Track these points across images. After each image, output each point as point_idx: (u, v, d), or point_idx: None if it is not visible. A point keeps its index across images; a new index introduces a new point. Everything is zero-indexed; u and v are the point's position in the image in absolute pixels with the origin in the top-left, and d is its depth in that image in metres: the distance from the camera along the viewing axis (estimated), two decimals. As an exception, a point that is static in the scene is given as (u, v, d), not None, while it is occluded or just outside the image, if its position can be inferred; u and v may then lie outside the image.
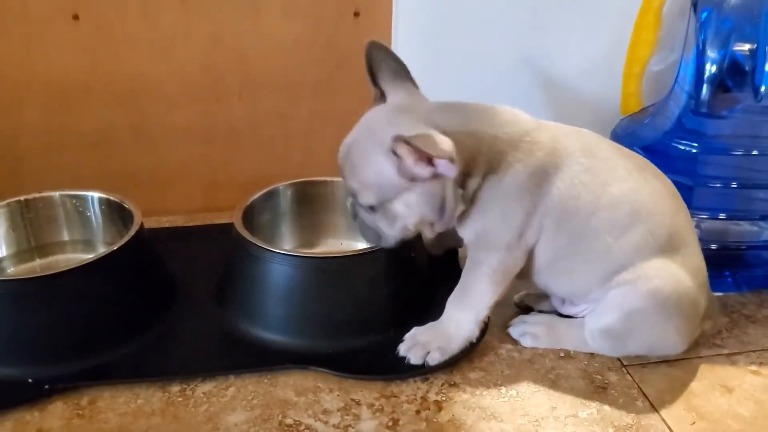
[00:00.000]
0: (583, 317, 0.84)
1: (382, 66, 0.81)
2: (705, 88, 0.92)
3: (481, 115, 0.79)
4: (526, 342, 0.86)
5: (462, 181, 0.77)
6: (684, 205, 0.83)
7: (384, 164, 0.74)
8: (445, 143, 0.71)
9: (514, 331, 0.87)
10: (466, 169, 0.76)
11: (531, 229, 0.79)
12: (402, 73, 0.81)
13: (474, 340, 0.82)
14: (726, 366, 0.83)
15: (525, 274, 0.82)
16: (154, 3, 1.06)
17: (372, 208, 0.78)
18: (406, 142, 0.69)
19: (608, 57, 1.08)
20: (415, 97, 0.81)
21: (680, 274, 0.79)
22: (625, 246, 0.78)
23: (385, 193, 0.76)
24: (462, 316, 0.81)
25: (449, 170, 0.70)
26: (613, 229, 0.78)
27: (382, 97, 0.82)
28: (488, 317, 0.83)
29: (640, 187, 0.79)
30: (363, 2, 1.10)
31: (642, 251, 0.78)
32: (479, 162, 0.76)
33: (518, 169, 0.77)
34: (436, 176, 0.72)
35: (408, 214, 0.77)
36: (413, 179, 0.74)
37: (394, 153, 0.72)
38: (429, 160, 0.71)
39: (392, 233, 0.80)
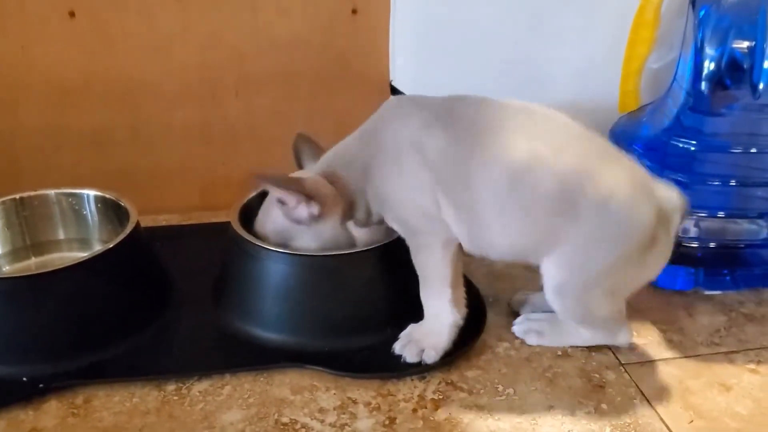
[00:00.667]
0: None
1: (306, 153, 0.91)
2: (703, 86, 0.91)
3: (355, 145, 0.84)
4: (531, 339, 0.85)
5: (350, 213, 0.84)
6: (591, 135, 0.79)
7: (276, 213, 0.84)
8: (312, 180, 0.81)
9: (519, 329, 0.86)
10: (349, 203, 0.83)
11: (427, 201, 0.78)
12: (316, 153, 0.90)
13: (460, 323, 0.81)
14: (724, 364, 0.83)
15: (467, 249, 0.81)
16: (151, 1, 1.06)
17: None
18: (266, 178, 0.80)
19: (606, 55, 1.08)
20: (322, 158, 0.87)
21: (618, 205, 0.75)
22: (522, 211, 0.76)
23: (283, 238, 0.85)
24: (433, 304, 0.81)
25: (315, 208, 0.80)
26: (497, 197, 0.76)
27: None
28: (470, 299, 0.83)
29: (513, 142, 0.76)
30: (361, 0, 1.10)
31: (546, 208, 0.75)
32: (358, 187, 0.82)
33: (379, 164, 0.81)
34: (315, 218, 0.81)
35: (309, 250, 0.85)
36: (297, 222, 0.82)
37: (280, 200, 0.82)
38: (305, 202, 0.81)
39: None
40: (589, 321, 0.82)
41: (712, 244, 0.96)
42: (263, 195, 0.95)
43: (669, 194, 0.79)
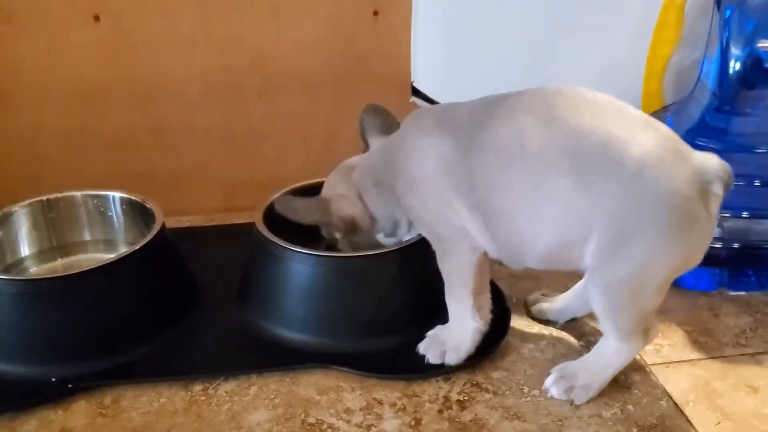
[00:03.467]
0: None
1: (370, 123, 0.91)
2: (729, 86, 0.91)
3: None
4: (580, 398, 0.76)
5: (380, 224, 0.86)
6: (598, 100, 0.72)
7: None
8: (336, 212, 0.85)
9: (557, 390, 0.77)
10: (379, 216, 0.85)
11: (449, 212, 0.77)
12: (389, 128, 0.88)
13: (482, 329, 0.81)
14: (751, 365, 0.83)
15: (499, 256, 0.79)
16: (174, 4, 1.07)
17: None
18: (288, 211, 0.84)
19: (630, 55, 1.08)
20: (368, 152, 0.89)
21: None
22: (535, 200, 0.71)
23: (330, 236, 0.89)
24: (456, 309, 0.81)
25: (339, 232, 0.86)
26: (507, 191, 0.72)
27: (365, 148, 0.91)
28: (493, 301, 0.83)
29: (509, 135, 0.72)
30: (382, 1, 1.10)
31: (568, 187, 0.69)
32: (389, 200, 0.83)
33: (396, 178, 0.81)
34: (348, 232, 0.86)
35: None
36: (333, 236, 0.88)
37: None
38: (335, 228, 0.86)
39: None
40: (632, 323, 0.74)
41: (736, 245, 0.95)
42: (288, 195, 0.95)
43: (707, 161, 0.69)
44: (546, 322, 0.90)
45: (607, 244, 0.69)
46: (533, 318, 0.90)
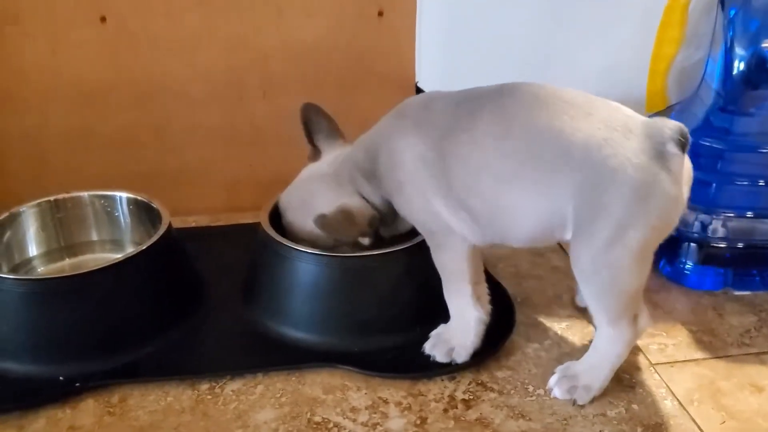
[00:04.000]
0: None
1: (317, 126, 0.91)
2: (733, 86, 0.91)
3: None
4: (582, 398, 0.77)
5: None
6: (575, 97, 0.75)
7: (314, 229, 0.83)
8: (361, 220, 0.83)
9: (559, 390, 0.77)
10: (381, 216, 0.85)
11: (433, 207, 0.79)
12: (335, 132, 0.92)
13: (485, 318, 0.81)
14: (755, 365, 0.83)
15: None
16: (178, 5, 1.07)
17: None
18: (324, 226, 0.81)
19: (634, 54, 1.08)
20: (342, 158, 0.88)
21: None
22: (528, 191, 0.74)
23: (318, 243, 0.85)
24: (456, 303, 0.82)
25: (367, 242, 0.84)
26: (482, 194, 0.76)
27: (316, 153, 0.92)
28: (497, 297, 0.83)
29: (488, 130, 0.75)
30: (386, 2, 1.10)
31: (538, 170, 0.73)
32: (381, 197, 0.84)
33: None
34: (374, 233, 0.84)
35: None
36: (339, 242, 0.85)
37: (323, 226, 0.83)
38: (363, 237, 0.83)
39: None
40: (619, 304, 0.75)
41: (740, 245, 0.95)
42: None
43: (657, 126, 0.72)
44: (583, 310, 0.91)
45: (579, 227, 0.73)
46: (570, 302, 0.93)
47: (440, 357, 0.80)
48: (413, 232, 0.85)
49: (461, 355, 0.80)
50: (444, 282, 0.82)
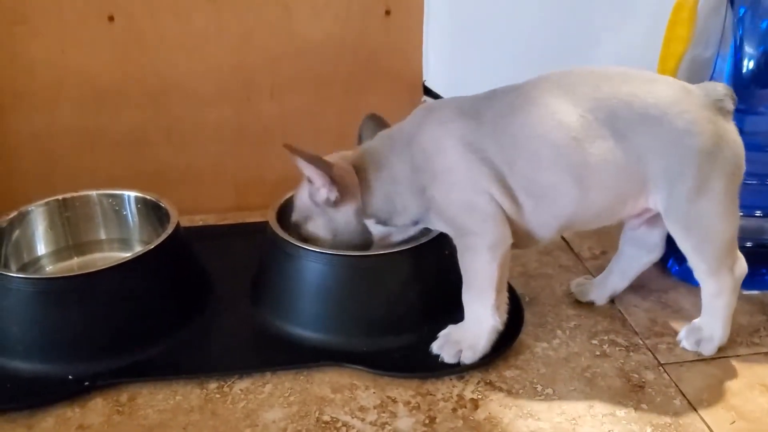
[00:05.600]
0: None
1: (367, 133, 0.92)
2: (742, 85, 0.91)
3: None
4: (708, 349, 0.84)
5: (367, 210, 0.84)
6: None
7: (303, 188, 0.86)
8: (340, 167, 0.82)
9: (688, 342, 0.85)
10: (369, 201, 0.84)
11: (481, 200, 0.78)
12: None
13: (500, 327, 0.81)
14: (764, 364, 0.83)
15: (526, 242, 0.82)
16: (187, 4, 1.08)
17: (296, 226, 0.88)
18: (298, 152, 0.80)
19: (642, 53, 1.07)
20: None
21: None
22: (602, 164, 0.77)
23: (304, 216, 0.87)
24: (475, 307, 0.81)
25: (332, 194, 0.82)
26: (562, 172, 0.77)
27: None
28: (508, 300, 0.82)
29: (558, 107, 0.78)
30: (394, 1, 1.10)
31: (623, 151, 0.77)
32: (390, 188, 0.83)
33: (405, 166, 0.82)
34: (332, 204, 0.83)
35: (314, 235, 0.86)
36: (315, 203, 0.84)
37: (308, 179, 0.83)
38: (330, 186, 0.82)
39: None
40: (717, 253, 0.80)
41: (749, 244, 0.95)
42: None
43: (712, 87, 0.80)
44: (588, 304, 0.93)
45: (665, 185, 0.78)
46: (578, 301, 0.93)
47: (448, 358, 0.80)
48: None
49: (469, 357, 0.80)
50: (467, 285, 0.81)
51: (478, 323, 0.81)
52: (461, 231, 0.80)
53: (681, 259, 0.97)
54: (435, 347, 0.82)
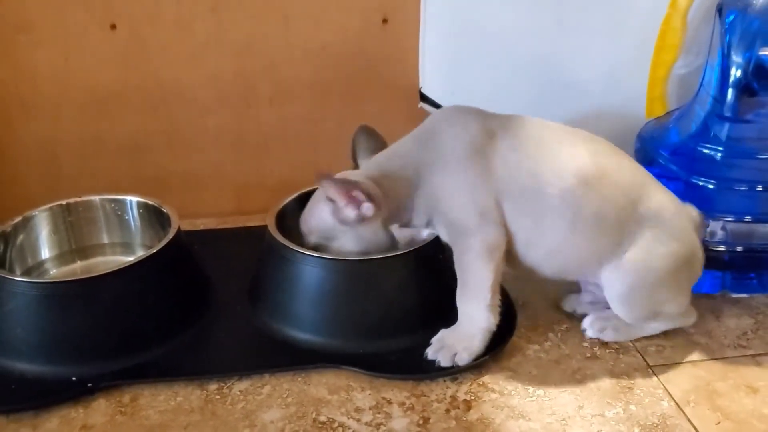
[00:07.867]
0: None
1: (362, 146, 0.93)
2: (730, 92, 0.92)
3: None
4: (608, 336, 0.88)
5: (393, 216, 0.86)
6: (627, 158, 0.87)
7: (323, 209, 0.85)
8: (366, 183, 0.83)
9: (591, 330, 0.88)
10: (395, 207, 0.85)
11: (487, 202, 0.82)
12: (378, 151, 0.91)
13: (493, 328, 0.83)
14: (751, 366, 0.84)
15: (514, 261, 0.85)
16: (188, 13, 1.09)
17: (316, 248, 0.88)
18: (328, 177, 0.81)
19: (634, 61, 1.09)
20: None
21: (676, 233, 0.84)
22: (594, 219, 0.82)
23: (325, 237, 0.87)
24: (470, 308, 0.83)
25: (369, 210, 0.82)
26: (569, 204, 0.81)
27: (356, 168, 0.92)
28: (501, 303, 0.84)
29: (577, 154, 0.83)
30: (391, 9, 1.12)
31: (618, 219, 0.82)
32: (407, 190, 0.85)
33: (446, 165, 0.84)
34: (362, 220, 0.83)
35: (341, 252, 0.87)
36: (343, 222, 0.84)
37: (330, 199, 0.83)
38: (356, 203, 0.82)
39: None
40: (657, 317, 0.87)
41: (738, 248, 0.96)
42: (299, 200, 0.98)
43: (692, 210, 0.88)
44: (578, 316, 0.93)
45: (634, 262, 0.83)
46: (566, 313, 0.94)
47: (444, 362, 0.82)
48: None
49: (464, 359, 0.81)
50: (463, 286, 0.83)
51: (472, 324, 0.83)
52: (460, 232, 0.82)
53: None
54: (430, 353, 0.83)
